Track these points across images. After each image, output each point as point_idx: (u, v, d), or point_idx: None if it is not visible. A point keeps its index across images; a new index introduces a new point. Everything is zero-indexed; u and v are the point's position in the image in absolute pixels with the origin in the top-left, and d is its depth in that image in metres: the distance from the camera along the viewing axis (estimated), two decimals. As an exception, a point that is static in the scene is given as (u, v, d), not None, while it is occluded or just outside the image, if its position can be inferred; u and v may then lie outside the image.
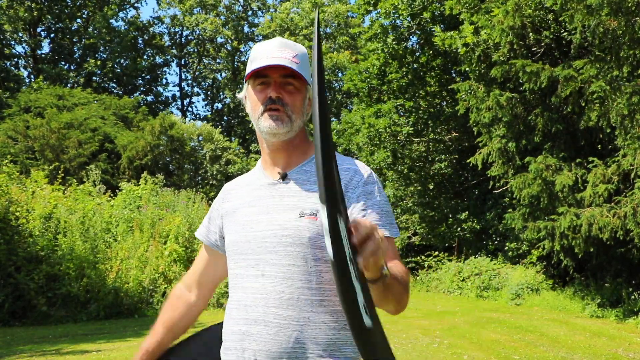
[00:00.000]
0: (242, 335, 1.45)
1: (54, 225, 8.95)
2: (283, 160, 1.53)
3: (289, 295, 1.41)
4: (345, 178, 1.48)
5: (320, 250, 1.42)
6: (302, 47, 1.53)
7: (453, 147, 14.30)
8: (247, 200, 1.55)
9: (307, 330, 1.40)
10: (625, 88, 7.54)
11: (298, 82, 1.48)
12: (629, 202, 7.64)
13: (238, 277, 1.50)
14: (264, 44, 1.52)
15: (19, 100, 19.19)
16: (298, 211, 1.45)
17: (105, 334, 7.49)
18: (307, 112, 1.53)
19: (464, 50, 10.40)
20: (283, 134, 1.48)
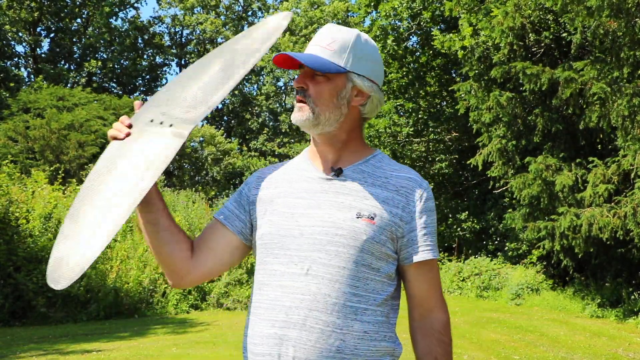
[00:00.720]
0: (278, 339, 1.32)
1: (54, 225, 8.95)
2: (332, 155, 1.45)
3: (335, 300, 1.32)
4: (406, 187, 1.42)
5: (371, 257, 1.36)
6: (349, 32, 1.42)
7: (453, 147, 14.30)
8: (289, 191, 1.44)
9: (349, 339, 1.32)
10: (625, 89, 7.54)
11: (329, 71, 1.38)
12: (629, 202, 7.63)
13: (276, 273, 1.37)
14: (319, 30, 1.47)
15: (18, 100, 19.18)
16: (355, 211, 1.37)
17: (105, 334, 7.49)
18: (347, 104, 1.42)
19: (462, 53, 10.40)
20: (307, 126, 1.40)
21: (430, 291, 1.43)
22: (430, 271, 1.43)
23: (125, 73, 28.08)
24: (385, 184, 1.41)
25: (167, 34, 31.12)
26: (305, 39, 25.85)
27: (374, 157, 1.47)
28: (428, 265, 1.42)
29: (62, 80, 24.87)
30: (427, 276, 1.42)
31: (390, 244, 1.38)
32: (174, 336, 7.27)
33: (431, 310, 1.43)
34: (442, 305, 1.45)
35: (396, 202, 1.39)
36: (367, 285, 1.35)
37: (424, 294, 1.43)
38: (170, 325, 8.16)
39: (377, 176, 1.42)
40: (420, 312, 1.44)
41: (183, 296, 9.48)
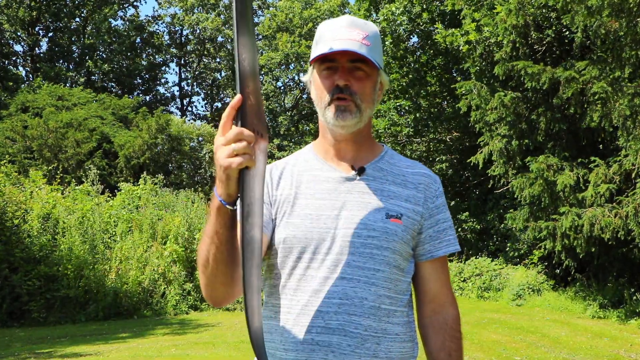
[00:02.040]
0: (315, 345, 1.29)
1: (52, 225, 8.91)
2: (351, 153, 1.41)
3: (372, 304, 1.31)
4: (423, 183, 1.42)
5: (400, 257, 1.35)
6: (373, 26, 1.39)
7: (454, 147, 14.27)
8: (309, 192, 1.38)
9: (383, 342, 1.32)
10: (627, 89, 7.51)
11: (368, 67, 1.34)
12: (631, 202, 7.60)
13: (307, 278, 1.32)
14: (331, 23, 1.37)
15: (16, 100, 19.15)
16: (384, 212, 1.35)
17: (104, 334, 7.45)
18: (377, 99, 1.40)
19: (466, 47, 10.35)
20: (352, 125, 1.35)
21: (444, 286, 1.44)
22: (444, 266, 1.44)
23: (124, 73, 28.05)
24: (404, 182, 1.40)
25: (167, 33, 31.11)
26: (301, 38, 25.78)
27: (386, 153, 1.46)
28: (443, 260, 1.43)
29: (60, 80, 24.84)
30: (441, 271, 1.43)
31: (412, 241, 1.38)
32: (173, 337, 7.23)
33: (443, 305, 1.43)
34: (453, 301, 1.45)
35: (417, 200, 1.39)
36: (397, 286, 1.36)
37: (438, 289, 1.43)
38: (170, 326, 8.12)
39: (395, 174, 1.41)
40: (433, 307, 1.43)
41: (182, 297, 9.44)
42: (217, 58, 31.71)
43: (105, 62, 27.20)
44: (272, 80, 27.84)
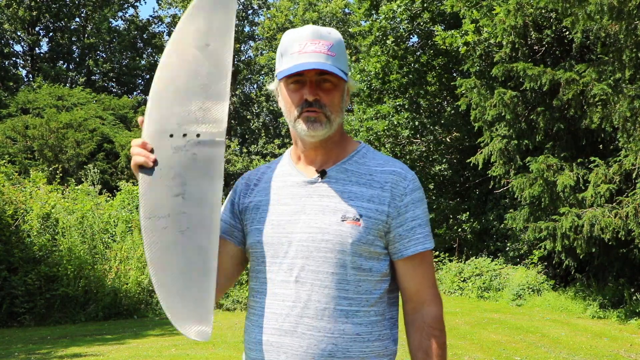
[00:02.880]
0: (269, 346, 1.37)
1: (52, 225, 8.90)
2: (321, 157, 1.44)
3: (325, 306, 1.34)
4: (390, 181, 1.40)
5: (360, 258, 1.36)
6: (337, 34, 1.41)
7: (454, 148, 14.26)
8: (275, 198, 1.44)
9: (341, 343, 1.33)
10: (627, 91, 7.50)
11: (335, 78, 1.38)
12: (631, 202, 7.60)
13: (268, 282, 1.40)
14: (294, 35, 1.40)
15: (17, 100, 19.16)
16: (340, 214, 1.36)
17: (104, 334, 7.45)
18: (346, 105, 1.44)
19: (464, 49, 10.36)
20: (322, 135, 1.39)
21: (422, 284, 1.42)
22: (421, 264, 1.42)
23: (124, 73, 28.05)
24: (370, 181, 1.40)
25: (167, 33, 31.10)
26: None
27: (357, 152, 1.46)
28: (418, 258, 1.41)
29: (61, 80, 24.85)
30: (418, 269, 1.41)
31: (380, 241, 1.38)
32: (173, 337, 7.22)
33: (422, 303, 1.42)
34: (434, 299, 1.42)
35: (382, 199, 1.38)
36: (359, 287, 1.36)
37: (415, 288, 1.42)
38: (170, 326, 8.11)
39: (361, 174, 1.41)
40: (412, 305, 1.43)
41: (182, 297, 9.44)
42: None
43: (105, 62, 27.20)
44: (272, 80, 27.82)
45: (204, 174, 1.38)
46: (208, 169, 1.38)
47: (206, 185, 1.37)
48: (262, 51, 27.24)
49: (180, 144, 1.40)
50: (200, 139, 1.40)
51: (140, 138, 1.43)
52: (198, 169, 1.38)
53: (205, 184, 1.37)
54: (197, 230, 1.36)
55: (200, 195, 1.37)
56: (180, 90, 1.43)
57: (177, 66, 1.45)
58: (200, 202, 1.37)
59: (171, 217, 1.38)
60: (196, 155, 1.39)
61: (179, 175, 1.38)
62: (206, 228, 1.36)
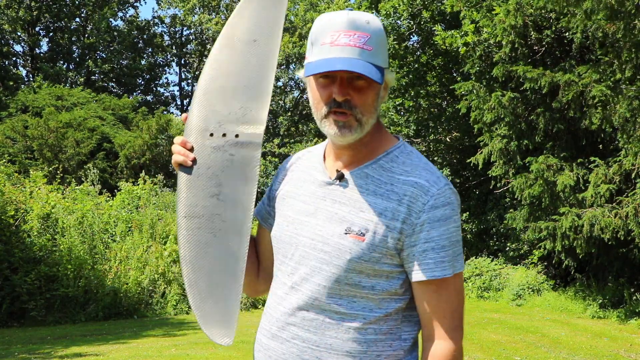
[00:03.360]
0: (261, 347, 1.36)
1: (52, 225, 8.90)
2: (347, 157, 1.32)
3: (313, 317, 1.27)
4: (409, 195, 1.24)
5: (359, 275, 1.24)
6: (376, 24, 1.25)
7: (454, 147, 14.26)
8: (298, 192, 1.37)
9: (326, 357, 1.25)
10: (627, 92, 7.50)
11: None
12: (631, 202, 7.60)
13: (275, 280, 1.38)
14: (327, 22, 1.24)
15: (17, 100, 19.17)
16: (345, 226, 1.25)
17: (104, 334, 7.44)
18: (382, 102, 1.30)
19: (464, 50, 10.36)
20: (351, 140, 1.27)
21: (435, 315, 1.27)
22: (437, 292, 1.26)
23: (124, 73, 28.05)
24: (388, 192, 1.26)
25: (167, 33, 31.11)
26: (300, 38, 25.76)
27: (387, 154, 1.31)
28: (434, 285, 1.25)
29: (61, 80, 24.84)
30: (431, 298, 1.26)
31: (390, 259, 1.25)
32: (173, 337, 7.23)
33: (434, 336, 1.28)
34: (448, 333, 1.27)
35: (396, 214, 1.24)
36: (355, 303, 1.25)
37: (426, 317, 1.28)
38: (170, 326, 8.11)
39: (381, 182, 1.27)
40: (426, 334, 1.30)
41: (182, 297, 9.44)
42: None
43: (105, 62, 27.20)
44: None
45: (239, 175, 1.37)
46: (243, 171, 1.37)
47: (240, 188, 1.37)
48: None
49: (219, 144, 1.39)
50: (238, 140, 1.38)
51: (182, 136, 1.42)
52: (234, 171, 1.38)
53: (239, 186, 1.37)
54: (228, 233, 1.36)
55: (234, 198, 1.37)
56: (224, 88, 1.41)
57: (224, 62, 1.42)
58: (234, 204, 1.36)
59: (205, 217, 1.38)
60: (233, 157, 1.38)
61: (215, 176, 1.38)
62: (238, 231, 1.36)
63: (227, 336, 1.38)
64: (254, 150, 1.37)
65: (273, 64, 1.40)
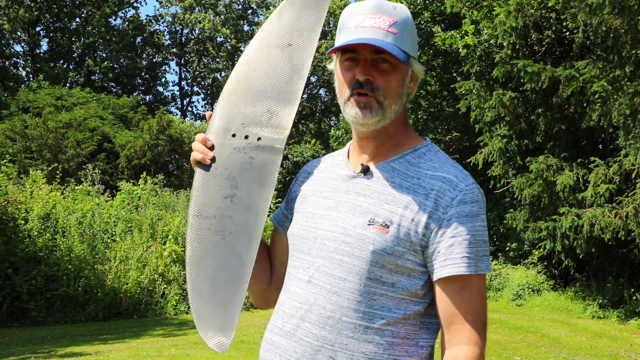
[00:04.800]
0: (271, 345, 1.29)
1: (52, 225, 8.90)
2: (372, 150, 1.30)
3: (330, 314, 1.21)
4: (437, 189, 1.22)
5: (382, 269, 1.20)
6: (403, 10, 1.26)
7: (454, 147, 14.26)
8: (320, 189, 1.34)
9: (341, 357, 1.19)
10: (627, 88, 7.49)
11: (395, 58, 1.21)
12: (631, 202, 7.60)
13: (289, 277, 1.32)
14: (354, 8, 1.25)
15: (17, 100, 19.17)
16: (369, 217, 1.22)
17: (103, 334, 7.44)
18: (409, 92, 1.28)
19: (464, 52, 10.36)
20: (373, 123, 1.24)
21: (458, 317, 1.20)
22: (461, 292, 1.20)
23: (124, 72, 28.05)
24: (415, 185, 1.23)
25: (167, 32, 31.11)
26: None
27: (414, 151, 1.29)
28: (458, 284, 1.20)
29: (61, 80, 24.85)
30: (455, 297, 1.20)
31: (413, 255, 1.21)
32: (173, 337, 7.22)
33: (457, 339, 1.21)
34: (471, 336, 1.19)
35: (422, 208, 1.20)
36: (374, 301, 1.20)
37: (448, 318, 1.21)
38: (170, 326, 8.11)
39: (408, 176, 1.25)
40: (446, 339, 1.23)
41: (182, 297, 9.44)
42: (217, 58, 31.71)
43: (105, 62, 27.21)
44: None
45: (256, 179, 1.35)
46: (261, 175, 1.35)
47: (256, 192, 1.35)
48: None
49: (240, 145, 1.37)
50: (260, 143, 1.37)
51: (204, 133, 1.40)
52: (252, 174, 1.36)
53: (255, 190, 1.35)
54: (238, 237, 1.34)
55: (249, 201, 1.35)
56: (252, 89, 1.39)
57: (255, 63, 1.40)
58: (247, 208, 1.35)
59: (216, 218, 1.36)
60: (253, 160, 1.36)
61: (232, 178, 1.36)
62: (247, 236, 1.34)
63: (222, 343, 1.35)
64: (275, 155, 1.36)
65: (305, 70, 1.38)
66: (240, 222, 1.34)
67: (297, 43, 1.39)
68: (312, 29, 1.38)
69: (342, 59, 1.26)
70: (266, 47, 1.41)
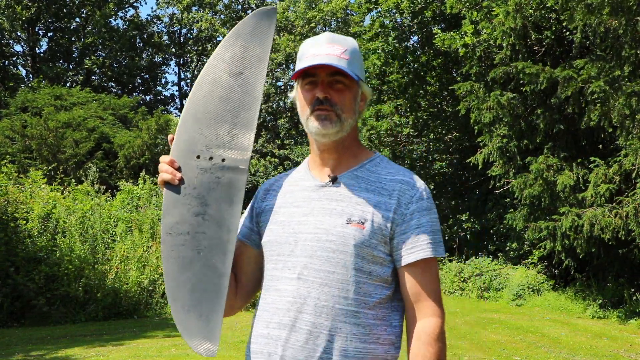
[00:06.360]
0: (269, 339, 1.42)
1: (52, 225, 8.90)
2: (333, 161, 1.50)
3: (324, 303, 1.38)
4: (398, 189, 1.45)
5: (362, 260, 1.40)
6: (352, 41, 1.49)
7: (454, 147, 14.26)
8: (290, 201, 1.51)
9: (337, 340, 1.38)
10: (626, 88, 7.49)
11: (347, 79, 1.44)
12: (631, 202, 7.60)
13: (273, 278, 1.46)
14: (311, 41, 1.48)
15: (17, 99, 19.16)
16: (346, 217, 1.42)
17: (104, 334, 7.44)
18: (359, 110, 1.50)
19: (463, 51, 10.36)
20: (333, 134, 1.45)
21: (422, 295, 1.42)
22: (424, 273, 1.43)
23: (124, 72, 28.03)
24: (378, 188, 1.45)
25: (166, 32, 31.09)
26: (302, 38, 25.76)
27: (370, 161, 1.52)
28: (420, 267, 1.42)
29: (60, 80, 24.84)
30: (419, 278, 1.42)
31: (383, 247, 1.42)
32: (173, 337, 7.22)
33: (424, 313, 1.42)
34: (435, 310, 1.42)
35: (388, 206, 1.43)
36: (359, 288, 1.39)
37: (415, 297, 1.43)
38: (170, 327, 8.11)
39: (371, 181, 1.47)
40: (412, 314, 1.44)
41: (182, 297, 9.45)
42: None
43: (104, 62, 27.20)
44: (273, 81, 27.85)
45: (225, 197, 1.46)
46: (229, 193, 1.46)
47: (226, 209, 1.46)
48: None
49: (206, 166, 1.48)
50: (225, 164, 1.48)
51: (169, 155, 1.52)
52: (220, 192, 1.46)
53: (225, 207, 1.46)
54: (213, 251, 1.45)
55: (220, 218, 1.45)
56: (211, 113, 1.50)
57: (210, 90, 1.52)
58: (219, 224, 1.45)
59: (190, 235, 1.46)
60: (220, 179, 1.47)
61: (201, 196, 1.46)
62: (222, 250, 1.45)
63: (209, 349, 1.45)
64: (240, 175, 1.48)
65: (258, 96, 1.52)
66: (213, 237, 1.45)
67: (247, 72, 1.52)
68: (262, 59, 1.53)
69: (303, 84, 1.47)
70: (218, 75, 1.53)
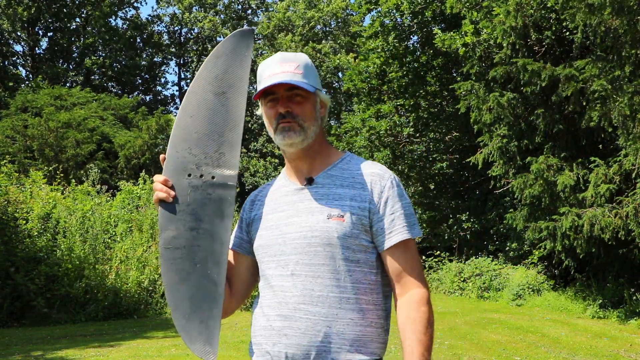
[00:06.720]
0: (272, 330, 1.53)
1: (52, 225, 8.90)
2: (306, 166, 1.62)
3: (319, 293, 1.50)
4: (370, 181, 1.58)
5: (348, 250, 1.52)
6: (303, 56, 1.61)
7: (454, 147, 14.25)
8: (273, 207, 1.63)
9: (335, 326, 1.50)
10: (627, 88, 7.48)
11: (304, 91, 1.56)
12: (631, 202, 7.59)
13: (269, 277, 1.58)
14: (265, 63, 1.60)
15: (17, 99, 19.16)
16: (326, 213, 1.54)
17: (104, 334, 7.45)
18: (321, 117, 1.62)
19: (463, 51, 10.35)
20: (298, 142, 1.56)
21: (406, 271, 1.55)
22: (405, 252, 1.55)
23: (124, 72, 28.03)
24: (352, 183, 1.58)
25: (166, 32, 31.09)
26: (302, 38, 25.76)
27: (342, 160, 1.65)
28: (401, 247, 1.55)
29: (60, 80, 24.83)
30: (401, 258, 1.55)
31: (365, 235, 1.55)
32: (173, 337, 7.23)
33: (409, 287, 1.55)
34: (420, 282, 1.55)
35: (363, 197, 1.56)
36: (350, 276, 1.52)
37: (400, 275, 1.56)
38: (170, 326, 8.11)
39: (344, 177, 1.60)
40: (399, 291, 1.56)
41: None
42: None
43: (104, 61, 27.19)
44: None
45: (216, 212, 1.57)
46: (220, 208, 1.58)
47: (218, 223, 1.57)
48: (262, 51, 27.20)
49: (197, 184, 1.58)
50: (215, 181, 1.59)
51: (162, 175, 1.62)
52: (212, 208, 1.58)
53: (217, 221, 1.57)
54: (208, 262, 1.57)
55: (213, 231, 1.57)
56: (199, 133, 1.60)
57: (196, 111, 1.62)
58: (212, 237, 1.57)
59: (186, 248, 1.57)
60: (211, 195, 1.58)
61: (195, 212, 1.57)
62: (216, 261, 1.56)
63: (211, 352, 1.57)
64: (230, 191, 1.59)
65: (241, 115, 1.62)
66: (208, 249, 1.57)
67: (229, 92, 1.62)
68: (241, 80, 1.63)
69: (265, 102, 1.59)
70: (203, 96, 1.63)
